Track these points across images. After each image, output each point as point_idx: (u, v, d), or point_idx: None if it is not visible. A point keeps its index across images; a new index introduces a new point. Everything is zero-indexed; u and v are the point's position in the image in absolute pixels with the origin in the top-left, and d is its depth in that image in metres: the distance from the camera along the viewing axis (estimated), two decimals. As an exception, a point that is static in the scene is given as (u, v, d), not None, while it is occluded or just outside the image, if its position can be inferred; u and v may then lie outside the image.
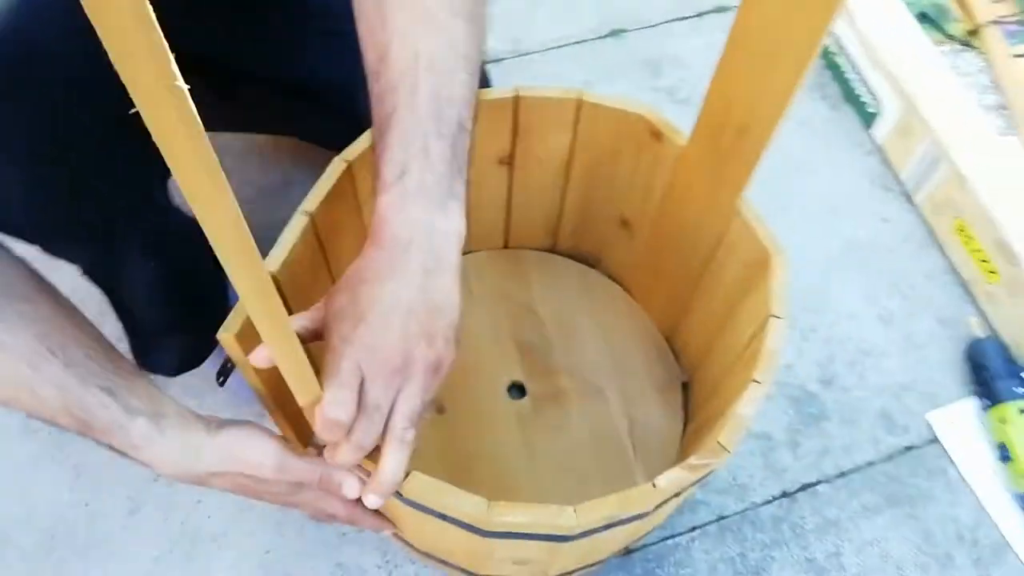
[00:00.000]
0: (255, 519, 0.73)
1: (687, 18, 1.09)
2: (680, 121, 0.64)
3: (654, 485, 0.48)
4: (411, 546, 0.65)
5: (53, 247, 0.54)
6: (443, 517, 0.50)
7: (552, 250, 0.85)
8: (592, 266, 0.84)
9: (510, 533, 0.49)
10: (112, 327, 0.62)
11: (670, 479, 0.48)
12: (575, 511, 0.47)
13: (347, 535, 0.72)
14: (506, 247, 0.85)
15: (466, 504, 0.47)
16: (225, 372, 0.68)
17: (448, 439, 0.73)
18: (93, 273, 0.59)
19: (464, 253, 0.49)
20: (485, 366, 0.77)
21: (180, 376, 0.73)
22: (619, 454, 0.73)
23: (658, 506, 0.50)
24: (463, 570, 0.65)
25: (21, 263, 0.47)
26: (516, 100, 0.65)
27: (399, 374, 0.44)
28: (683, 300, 0.75)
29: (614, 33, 1.08)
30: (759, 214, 0.60)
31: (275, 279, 0.53)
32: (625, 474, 0.72)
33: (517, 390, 0.77)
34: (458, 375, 0.77)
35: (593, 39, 1.08)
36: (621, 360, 0.79)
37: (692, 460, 0.49)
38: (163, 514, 0.73)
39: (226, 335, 0.48)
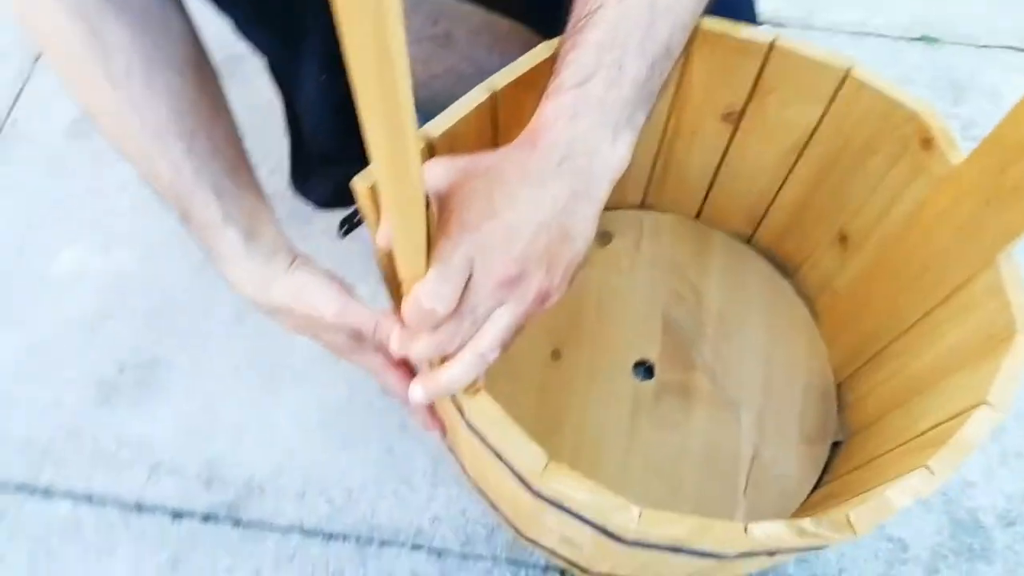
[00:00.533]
0: (335, 373, 0.71)
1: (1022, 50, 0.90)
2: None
3: (746, 529, 0.39)
4: (464, 470, 0.60)
5: (243, 26, 0.53)
6: (498, 456, 0.44)
7: (747, 241, 0.74)
8: (785, 275, 0.73)
9: (562, 505, 0.42)
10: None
11: (768, 532, 0.39)
12: (640, 514, 0.39)
13: (409, 429, 0.69)
14: (697, 218, 0.75)
15: (524, 453, 0.41)
16: (350, 223, 0.64)
17: (550, 388, 0.67)
18: (275, 69, 0.57)
19: (645, 207, 0.42)
20: (621, 331, 0.69)
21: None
22: (727, 483, 0.63)
23: (741, 555, 0.41)
24: (507, 521, 0.59)
25: (194, 39, 0.46)
26: (770, 48, 0.54)
27: (508, 288, 0.38)
28: (879, 347, 0.62)
29: (925, 39, 0.91)
30: (1021, 277, 0.46)
31: (431, 146, 0.48)
32: (724, 506, 0.63)
33: (645, 370, 0.68)
34: (588, 326, 0.71)
35: (897, 37, 0.92)
36: (774, 387, 0.68)
37: (806, 523, 0.39)
38: (261, 332, 0.73)
39: (362, 185, 0.44)
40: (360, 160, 0.68)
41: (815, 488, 0.64)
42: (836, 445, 0.66)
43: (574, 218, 0.39)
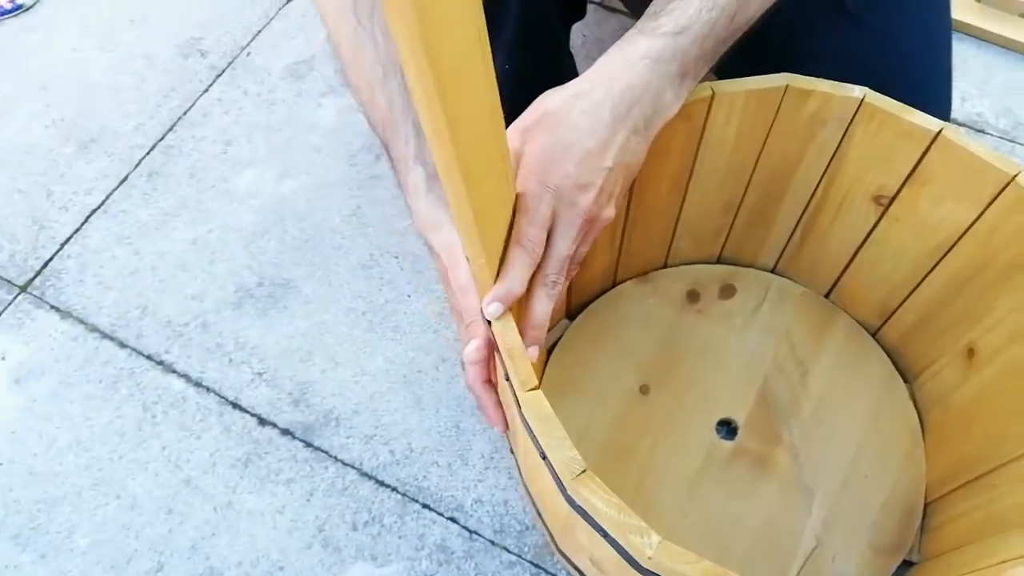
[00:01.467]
0: (433, 342, 0.75)
1: None
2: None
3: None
4: (517, 467, 0.61)
5: None
6: (537, 446, 0.45)
7: (874, 333, 0.71)
8: (904, 378, 0.69)
9: (588, 516, 0.43)
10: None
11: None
12: (660, 542, 0.39)
13: (478, 414, 0.71)
14: (827, 296, 0.73)
15: (562, 449, 0.42)
16: None
17: (627, 421, 0.67)
18: None
19: (776, 272, 0.53)
20: (715, 384, 0.68)
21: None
22: (778, 565, 0.61)
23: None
24: (547, 528, 0.60)
25: None
26: (935, 139, 0.52)
27: (585, 228, 0.45)
28: (975, 475, 0.57)
29: None
30: None
31: None
32: (767, 588, 0.60)
33: (728, 430, 0.67)
34: (683, 370, 0.71)
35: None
36: (855, 487, 0.64)
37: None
38: (381, 284, 0.79)
39: None
40: None
41: (869, 602, 0.60)
42: (907, 565, 0.61)
43: (633, 155, 0.45)
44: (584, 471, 0.41)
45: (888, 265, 0.64)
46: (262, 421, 0.72)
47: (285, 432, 0.71)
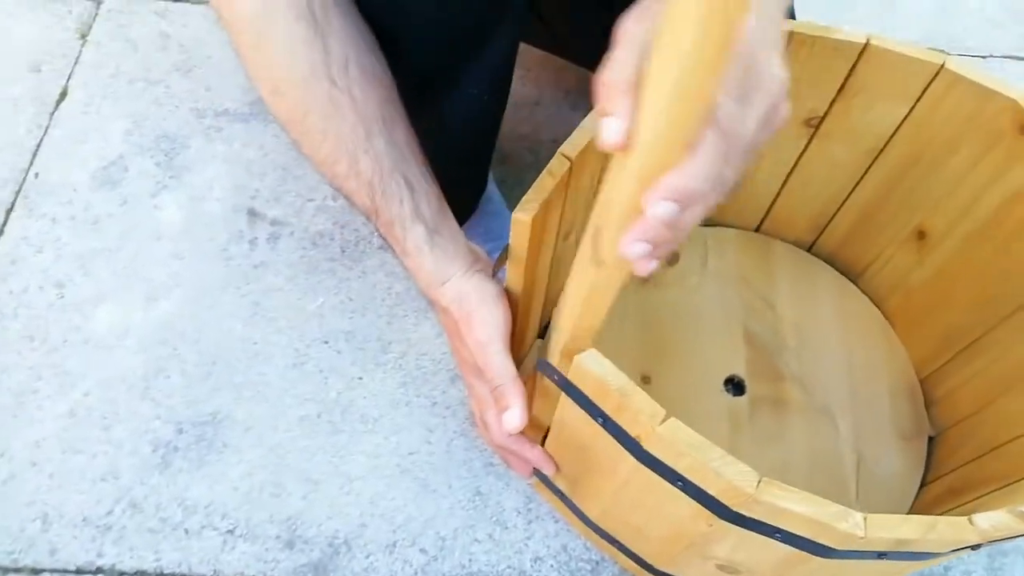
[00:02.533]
0: (410, 416, 0.68)
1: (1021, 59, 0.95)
2: None
3: (971, 522, 0.37)
4: (579, 515, 0.57)
5: (410, 43, 0.49)
6: (678, 480, 0.41)
7: (809, 248, 0.75)
8: (850, 278, 0.73)
9: (761, 523, 0.40)
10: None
11: (994, 522, 0.37)
12: (865, 519, 0.37)
13: (494, 466, 0.65)
14: (758, 230, 0.75)
15: (730, 470, 0.38)
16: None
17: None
18: (415, 91, 0.55)
19: (709, 225, 0.41)
20: (705, 349, 0.68)
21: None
22: (839, 489, 0.62)
23: (954, 551, 0.39)
24: (634, 556, 0.56)
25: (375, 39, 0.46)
26: (864, 49, 0.55)
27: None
28: (965, 343, 0.62)
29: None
30: None
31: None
32: (841, 515, 0.61)
33: (735, 387, 0.67)
34: (672, 348, 0.70)
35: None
36: (862, 391, 0.67)
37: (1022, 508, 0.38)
38: (324, 377, 0.69)
39: (525, 217, 0.42)
40: (478, 183, 0.66)
41: (922, 485, 0.63)
42: (929, 440, 0.66)
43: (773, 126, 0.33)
44: (763, 478, 0.39)
45: (820, 182, 0.67)
46: (259, 583, 0.60)
47: (294, 583, 0.60)
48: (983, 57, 0.94)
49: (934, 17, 0.98)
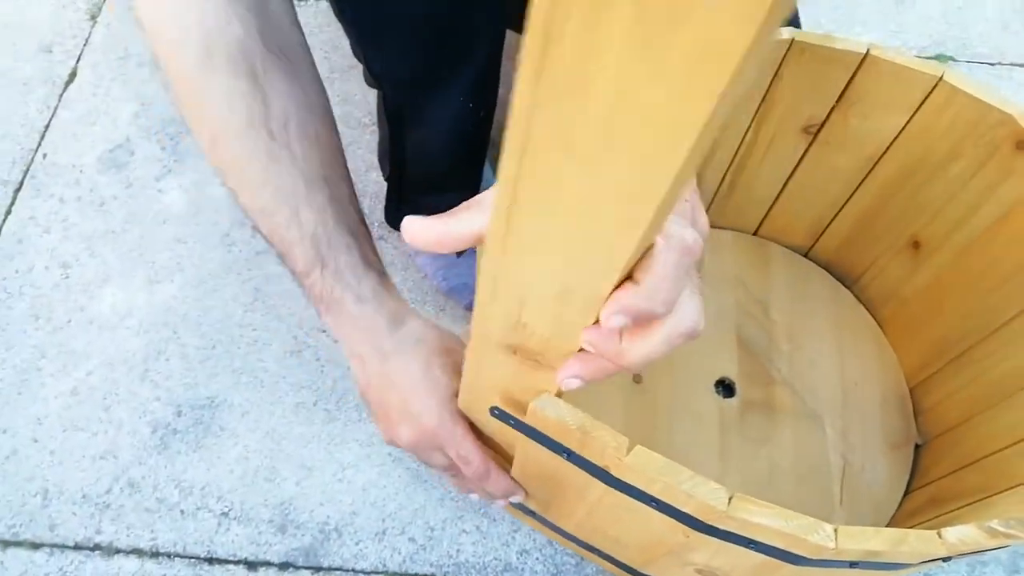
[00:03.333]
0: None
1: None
2: None
3: (940, 536, 0.38)
4: (541, 521, 0.57)
5: (389, 49, 0.50)
6: (651, 501, 0.42)
7: (805, 254, 0.75)
8: (845, 285, 0.74)
9: (734, 535, 0.41)
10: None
11: (962, 536, 0.38)
12: (835, 531, 0.38)
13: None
14: (755, 234, 0.75)
15: (704, 492, 0.39)
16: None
17: (634, 412, 0.65)
18: (395, 98, 0.55)
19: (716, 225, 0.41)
20: (697, 350, 0.69)
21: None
22: (823, 495, 0.63)
23: (924, 563, 0.40)
24: (616, 562, 0.57)
25: (321, 86, 0.46)
26: (864, 59, 0.55)
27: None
28: (955, 353, 0.63)
29: (940, 58, 0.95)
30: None
31: None
32: (824, 518, 0.62)
33: (726, 388, 0.68)
34: (667, 355, 0.70)
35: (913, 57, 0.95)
36: (852, 396, 0.68)
37: (995, 524, 0.39)
38: (321, 365, 0.70)
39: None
40: (469, 188, 0.67)
41: (906, 493, 0.64)
42: (917, 448, 0.66)
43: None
44: (734, 495, 0.39)
45: (818, 188, 0.67)
46: (251, 565, 0.61)
47: (285, 566, 0.61)
48: (991, 64, 0.93)
49: (945, 21, 0.97)
